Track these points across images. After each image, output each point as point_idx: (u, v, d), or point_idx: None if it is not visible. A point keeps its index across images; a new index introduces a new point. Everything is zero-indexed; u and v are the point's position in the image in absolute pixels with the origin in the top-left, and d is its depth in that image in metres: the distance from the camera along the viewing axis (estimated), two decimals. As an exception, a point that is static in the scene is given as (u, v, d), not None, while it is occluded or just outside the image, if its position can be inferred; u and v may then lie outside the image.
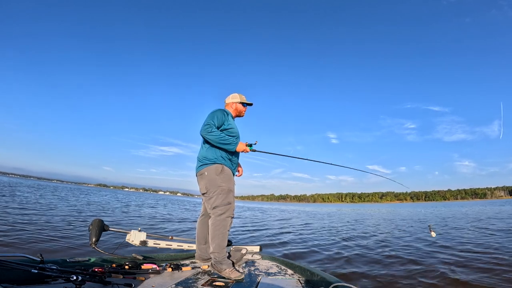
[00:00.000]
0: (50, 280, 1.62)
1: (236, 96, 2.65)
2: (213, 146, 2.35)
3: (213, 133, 2.27)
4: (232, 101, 2.64)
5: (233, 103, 2.64)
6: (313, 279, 2.07)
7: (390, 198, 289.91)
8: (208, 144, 2.38)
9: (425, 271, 3.95)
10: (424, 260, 4.55)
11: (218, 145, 2.31)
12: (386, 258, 4.83)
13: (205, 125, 2.29)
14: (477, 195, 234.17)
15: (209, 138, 2.29)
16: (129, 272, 1.96)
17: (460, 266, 4.09)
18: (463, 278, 3.55)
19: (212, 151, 2.36)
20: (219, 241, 2.20)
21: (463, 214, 17.20)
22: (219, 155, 2.36)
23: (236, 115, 2.67)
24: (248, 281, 2.05)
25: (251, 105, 2.73)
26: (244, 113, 2.71)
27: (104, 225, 2.25)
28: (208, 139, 2.30)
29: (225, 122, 2.40)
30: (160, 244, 2.63)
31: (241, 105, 2.65)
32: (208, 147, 2.39)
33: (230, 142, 2.32)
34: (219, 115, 2.38)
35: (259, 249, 2.95)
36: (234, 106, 2.64)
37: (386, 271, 4.00)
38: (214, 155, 2.35)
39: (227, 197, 2.29)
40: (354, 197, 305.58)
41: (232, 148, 2.34)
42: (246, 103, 2.68)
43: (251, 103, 2.71)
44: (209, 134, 2.27)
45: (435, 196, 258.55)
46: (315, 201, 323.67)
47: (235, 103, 2.64)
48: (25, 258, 1.67)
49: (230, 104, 2.66)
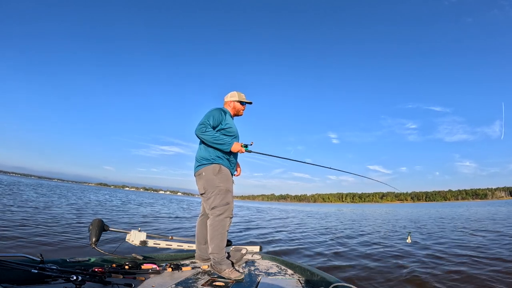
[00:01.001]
0: (50, 280, 1.62)
1: (235, 95, 2.62)
2: (209, 146, 2.34)
3: (207, 132, 2.25)
4: (231, 99, 2.61)
5: (231, 101, 2.61)
6: (313, 279, 2.07)
7: (390, 198, 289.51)
8: (204, 144, 2.37)
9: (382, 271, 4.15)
10: (388, 260, 4.77)
11: (213, 145, 2.29)
12: (362, 257, 5.04)
13: (200, 125, 2.28)
14: (478, 196, 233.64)
15: (203, 138, 2.27)
16: (129, 272, 1.96)
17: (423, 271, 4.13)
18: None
19: (209, 151, 2.34)
20: (218, 241, 2.20)
21: (457, 215, 17.25)
22: (216, 155, 2.34)
23: (234, 114, 2.63)
24: (248, 281, 2.05)
25: (250, 103, 2.69)
26: (242, 112, 2.67)
27: (104, 225, 2.25)
28: (202, 138, 2.28)
29: (223, 122, 2.37)
30: (160, 244, 2.63)
31: (239, 104, 2.61)
32: (205, 147, 2.37)
33: (224, 142, 2.28)
34: (216, 114, 2.36)
35: (259, 249, 2.95)
36: (232, 105, 2.61)
37: (356, 271, 4.18)
38: (211, 155, 2.33)
39: (225, 197, 2.28)
40: (355, 197, 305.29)
41: (226, 148, 2.30)
42: (245, 101, 2.64)
43: (250, 102, 2.67)
44: (203, 134, 2.25)
45: (436, 197, 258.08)
46: (316, 201, 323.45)
47: (233, 101, 2.60)
48: (25, 258, 1.67)
49: (228, 102, 2.63)
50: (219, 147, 2.29)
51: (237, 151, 2.37)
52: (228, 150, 2.32)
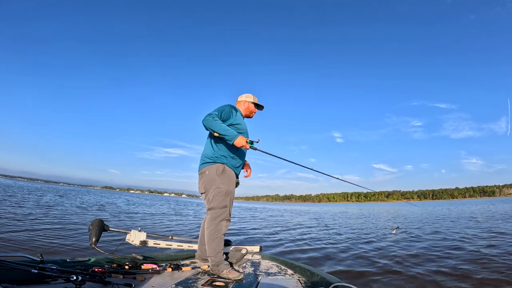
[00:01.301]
0: (50, 280, 1.63)
1: (250, 96, 2.64)
2: (216, 143, 2.33)
3: (215, 121, 2.19)
4: (246, 99, 2.62)
5: (246, 101, 2.62)
6: (313, 279, 2.06)
7: (396, 197, 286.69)
8: (211, 140, 2.36)
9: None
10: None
11: (219, 133, 2.20)
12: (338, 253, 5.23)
13: (208, 114, 2.22)
14: (485, 193, 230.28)
15: (210, 125, 2.20)
16: (129, 272, 1.96)
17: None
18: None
19: (215, 149, 2.33)
20: (215, 245, 2.19)
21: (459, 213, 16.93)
22: (222, 153, 2.32)
23: (246, 115, 2.63)
24: (248, 281, 2.04)
25: (262, 108, 2.70)
26: (253, 114, 2.68)
27: (104, 225, 2.27)
28: (209, 126, 2.20)
29: (232, 117, 2.35)
30: (160, 244, 2.63)
31: (253, 106, 2.63)
32: (211, 144, 2.36)
33: (229, 134, 2.18)
34: (227, 109, 2.34)
35: (259, 249, 2.93)
36: (247, 105, 2.61)
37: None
38: (216, 153, 2.32)
39: (224, 199, 2.25)
40: (360, 196, 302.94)
41: (230, 139, 2.20)
42: (258, 104, 2.67)
43: (263, 106, 2.69)
44: (209, 122, 2.19)
45: (443, 195, 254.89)
46: (320, 201, 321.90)
47: (248, 102, 2.61)
48: (25, 258, 1.69)
49: (242, 102, 2.63)
50: (225, 137, 2.20)
51: (241, 145, 2.24)
52: (232, 142, 2.21)
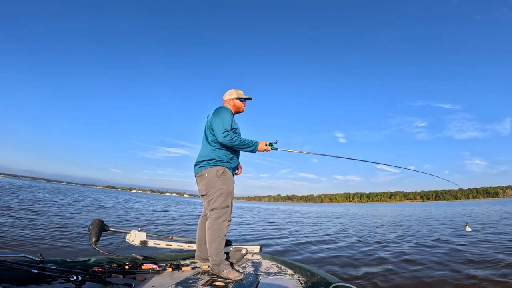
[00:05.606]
0: (50, 280, 1.64)
1: (233, 92, 2.58)
2: (214, 146, 2.34)
3: (234, 140, 2.25)
4: (229, 97, 2.58)
5: (230, 99, 2.58)
6: (313, 279, 2.05)
7: (399, 198, 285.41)
8: (209, 143, 2.36)
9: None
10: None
11: (240, 150, 2.35)
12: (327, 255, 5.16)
13: (224, 133, 2.24)
14: (489, 194, 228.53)
15: (232, 146, 2.29)
16: (129, 272, 1.97)
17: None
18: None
19: (213, 152, 2.33)
20: (217, 245, 2.20)
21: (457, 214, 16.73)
22: (220, 156, 2.33)
23: (235, 112, 2.60)
24: (248, 281, 2.04)
25: (250, 99, 2.63)
26: (243, 108, 2.62)
27: (104, 225, 2.28)
28: (232, 146, 2.30)
29: (232, 123, 2.38)
30: (160, 244, 2.64)
31: (239, 101, 2.58)
32: (209, 147, 2.36)
33: (251, 145, 2.30)
34: (228, 117, 2.33)
35: (259, 249, 2.93)
36: (232, 103, 2.57)
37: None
38: (215, 156, 2.32)
39: (225, 200, 2.28)
40: (362, 197, 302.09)
41: (253, 150, 2.32)
42: (244, 97, 2.60)
43: (249, 98, 2.62)
44: (231, 142, 2.25)
45: (446, 195, 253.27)
46: (322, 201, 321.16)
47: (233, 99, 2.57)
48: (25, 258, 1.69)
49: (227, 101, 2.60)
50: (247, 150, 2.32)
51: (263, 150, 2.37)
52: (255, 151, 2.34)
